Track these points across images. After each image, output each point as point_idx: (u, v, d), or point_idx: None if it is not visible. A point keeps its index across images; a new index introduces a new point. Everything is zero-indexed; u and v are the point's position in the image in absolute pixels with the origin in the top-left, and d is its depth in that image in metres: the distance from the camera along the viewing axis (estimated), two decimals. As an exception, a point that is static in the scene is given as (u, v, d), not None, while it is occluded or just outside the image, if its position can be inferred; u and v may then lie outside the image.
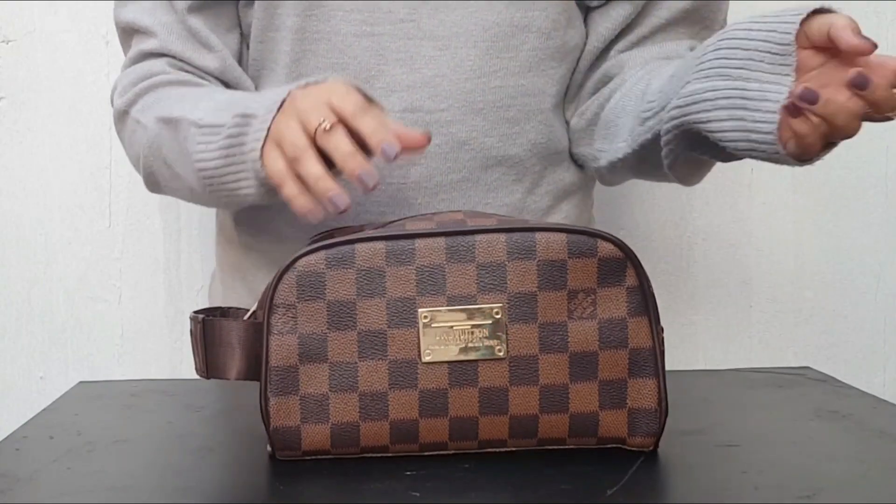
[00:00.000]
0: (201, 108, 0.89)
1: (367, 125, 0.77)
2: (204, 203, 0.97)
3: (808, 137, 0.76)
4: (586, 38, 1.03)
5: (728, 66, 0.79)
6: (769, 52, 0.77)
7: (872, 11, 1.40)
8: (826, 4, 0.77)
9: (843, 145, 1.46)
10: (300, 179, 0.78)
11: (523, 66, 0.98)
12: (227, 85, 1.01)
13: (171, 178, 0.95)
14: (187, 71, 0.99)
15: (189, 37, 0.98)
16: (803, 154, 0.78)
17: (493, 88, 0.97)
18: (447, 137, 0.97)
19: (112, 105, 1.00)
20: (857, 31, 0.73)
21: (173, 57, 0.99)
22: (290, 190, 0.78)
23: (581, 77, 1.05)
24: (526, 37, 0.97)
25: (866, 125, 1.36)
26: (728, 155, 0.85)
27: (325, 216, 0.78)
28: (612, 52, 1.02)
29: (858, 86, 0.73)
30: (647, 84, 0.93)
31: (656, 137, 0.89)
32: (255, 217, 1.04)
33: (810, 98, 0.74)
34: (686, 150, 0.89)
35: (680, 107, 0.83)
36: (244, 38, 1.04)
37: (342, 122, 0.77)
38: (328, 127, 0.77)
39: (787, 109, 0.76)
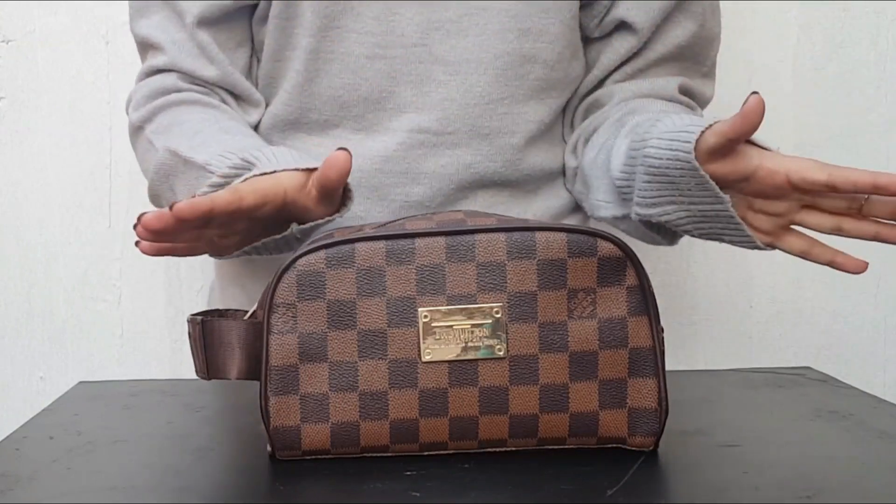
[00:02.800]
0: (208, 151, 0.90)
1: None
2: None
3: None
4: (587, 67, 1.05)
5: (665, 194, 0.84)
6: (684, 177, 0.81)
7: (873, 11, 1.40)
8: (710, 121, 0.79)
9: (845, 146, 1.46)
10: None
11: (527, 94, 1.00)
12: (229, 93, 1.02)
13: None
14: (197, 83, 1.00)
15: (198, 53, 1.00)
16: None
17: (499, 115, 0.99)
18: (453, 159, 0.98)
19: (127, 116, 1.02)
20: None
21: (181, 72, 1.00)
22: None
23: (577, 102, 1.06)
24: (532, 67, 0.99)
25: (865, 124, 1.36)
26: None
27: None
28: (608, 82, 1.04)
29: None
30: (610, 152, 0.93)
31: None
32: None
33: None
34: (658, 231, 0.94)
35: (647, 216, 0.87)
36: (255, 53, 1.04)
37: None
38: None
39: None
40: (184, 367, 1.40)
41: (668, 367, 1.23)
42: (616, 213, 0.94)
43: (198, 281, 1.40)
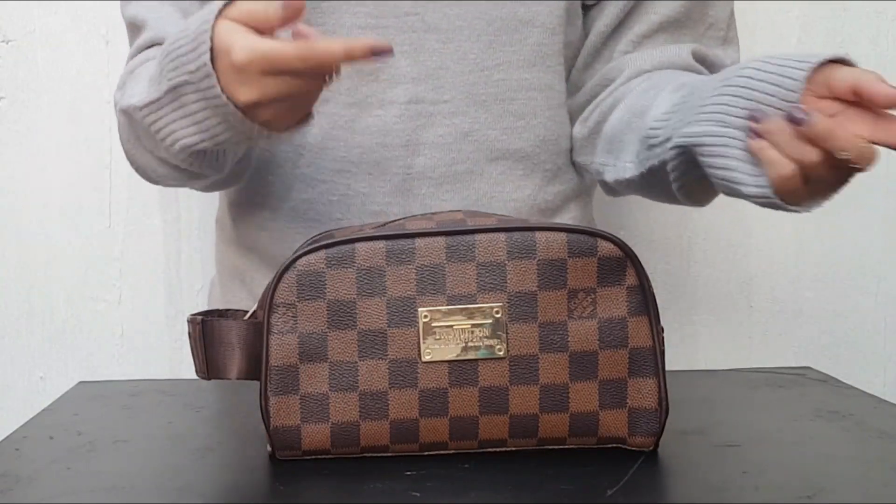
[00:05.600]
0: (140, 88, 0.87)
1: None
2: (191, 175, 0.93)
3: (779, 167, 0.73)
4: (586, 35, 1.04)
5: (729, 112, 0.76)
6: (773, 106, 0.73)
7: (873, 11, 1.40)
8: (842, 54, 0.73)
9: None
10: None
11: (528, 60, 0.98)
12: None
13: (158, 165, 0.93)
14: None
15: (180, 19, 0.97)
16: (786, 196, 0.75)
17: (495, 81, 0.98)
18: (451, 128, 0.97)
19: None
20: (888, 84, 0.70)
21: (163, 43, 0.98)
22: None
23: (578, 75, 1.05)
24: (530, 31, 0.98)
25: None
26: None
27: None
28: (616, 54, 1.02)
29: (794, 121, 0.71)
30: (651, 104, 0.91)
31: (663, 164, 0.87)
32: (255, 216, 1.04)
33: (797, 119, 0.71)
34: (694, 178, 0.86)
35: (678, 146, 0.82)
36: None
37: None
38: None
39: (750, 132, 0.74)
40: (184, 367, 1.40)
41: (668, 366, 1.23)
42: (638, 170, 0.91)
43: (198, 281, 1.40)
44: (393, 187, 0.98)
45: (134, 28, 1.01)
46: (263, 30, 0.74)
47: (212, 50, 0.76)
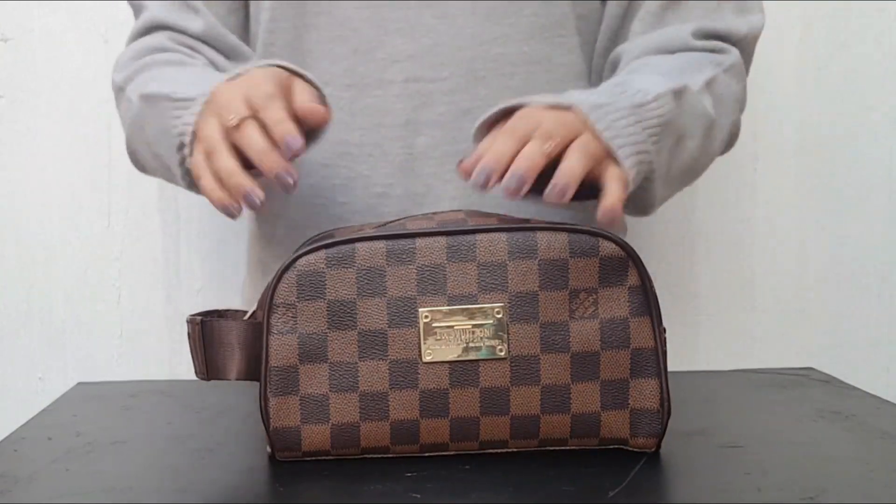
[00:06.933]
0: (179, 81, 0.89)
1: (270, 117, 0.76)
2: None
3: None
4: (601, 19, 1.02)
5: None
6: None
7: (876, 9, 1.40)
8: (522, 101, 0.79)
9: (848, 145, 1.45)
10: (217, 174, 0.77)
11: (525, 32, 0.97)
12: (217, 50, 1.01)
13: (151, 158, 0.95)
14: (184, 43, 0.99)
15: (181, 5, 0.99)
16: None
17: (494, 56, 0.96)
18: (450, 107, 0.96)
19: (112, 81, 1.01)
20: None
21: (166, 27, 1.00)
22: (207, 183, 0.78)
23: (599, 62, 1.03)
24: (526, 3, 0.97)
25: (869, 123, 1.35)
26: None
27: (240, 211, 0.77)
28: (631, 35, 1.00)
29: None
30: None
31: None
32: (272, 205, 1.03)
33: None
34: None
35: None
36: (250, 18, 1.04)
37: (254, 116, 0.76)
38: (235, 123, 0.76)
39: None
40: (183, 367, 1.40)
41: (670, 367, 1.23)
42: None
43: (197, 281, 1.40)
44: (395, 168, 0.97)
45: (137, 10, 1.03)
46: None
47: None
